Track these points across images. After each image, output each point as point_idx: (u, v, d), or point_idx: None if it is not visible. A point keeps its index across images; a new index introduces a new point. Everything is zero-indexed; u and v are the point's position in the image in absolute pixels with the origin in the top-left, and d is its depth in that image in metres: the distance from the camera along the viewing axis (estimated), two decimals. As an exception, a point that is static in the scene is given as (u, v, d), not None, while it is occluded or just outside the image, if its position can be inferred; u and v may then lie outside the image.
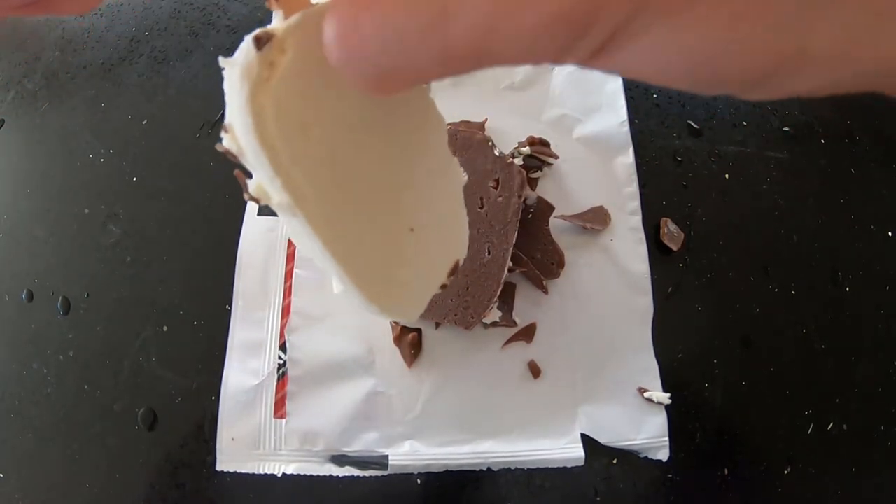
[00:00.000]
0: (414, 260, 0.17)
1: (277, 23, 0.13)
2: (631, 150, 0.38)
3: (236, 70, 0.12)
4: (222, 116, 0.40)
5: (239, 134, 0.13)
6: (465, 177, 0.19)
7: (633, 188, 0.38)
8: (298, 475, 0.31)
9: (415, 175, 0.16)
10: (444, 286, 0.18)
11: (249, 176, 0.14)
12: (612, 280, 0.36)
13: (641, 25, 0.09)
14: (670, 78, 0.10)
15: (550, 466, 0.32)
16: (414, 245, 0.17)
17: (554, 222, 0.35)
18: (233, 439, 0.31)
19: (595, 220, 0.36)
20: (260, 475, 0.31)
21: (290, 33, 0.13)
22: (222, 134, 0.13)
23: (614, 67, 0.10)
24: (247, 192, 0.14)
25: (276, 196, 0.13)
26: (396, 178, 0.16)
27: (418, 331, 0.34)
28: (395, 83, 0.11)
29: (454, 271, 0.18)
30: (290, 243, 0.35)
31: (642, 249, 0.36)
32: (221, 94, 0.14)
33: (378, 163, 0.16)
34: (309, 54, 0.13)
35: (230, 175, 0.40)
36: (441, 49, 0.09)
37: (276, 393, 0.32)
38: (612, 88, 0.40)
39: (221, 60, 0.12)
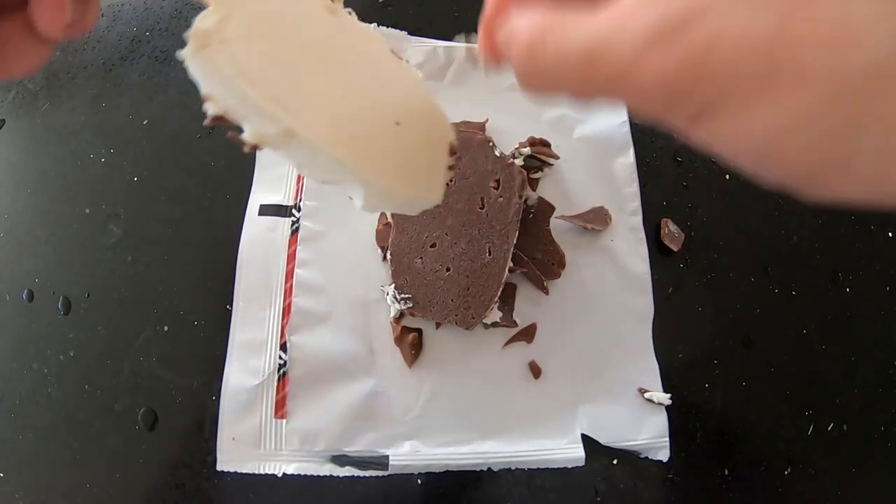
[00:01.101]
0: (413, 147, 0.19)
1: (214, 4, 0.16)
2: (631, 151, 0.38)
3: (191, 48, 0.15)
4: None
5: (220, 95, 0.16)
6: (420, 73, 0.21)
7: (634, 188, 0.38)
8: (299, 475, 0.31)
9: (379, 79, 0.19)
10: (452, 167, 0.21)
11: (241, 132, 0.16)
12: (612, 280, 0.36)
13: (723, 106, 0.11)
14: (741, 158, 0.12)
15: (551, 466, 0.32)
16: (405, 135, 0.19)
17: (554, 223, 0.36)
18: (233, 439, 0.31)
19: (596, 221, 0.36)
20: (260, 475, 0.31)
21: (226, 8, 0.16)
22: (206, 106, 0.16)
23: (704, 137, 0.13)
24: (246, 145, 0.16)
25: (273, 127, 0.16)
26: (364, 85, 0.19)
27: (419, 331, 0.34)
28: (544, 86, 0.15)
29: (454, 151, 0.21)
30: (290, 243, 0.35)
31: (643, 250, 0.36)
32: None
33: (345, 77, 0.18)
34: (251, 11, 0.16)
35: (231, 175, 0.39)
36: (587, 76, 0.13)
37: (277, 393, 0.32)
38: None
39: (179, 54, 0.15)
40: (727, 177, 0.39)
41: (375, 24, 0.38)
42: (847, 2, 0.10)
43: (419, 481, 0.32)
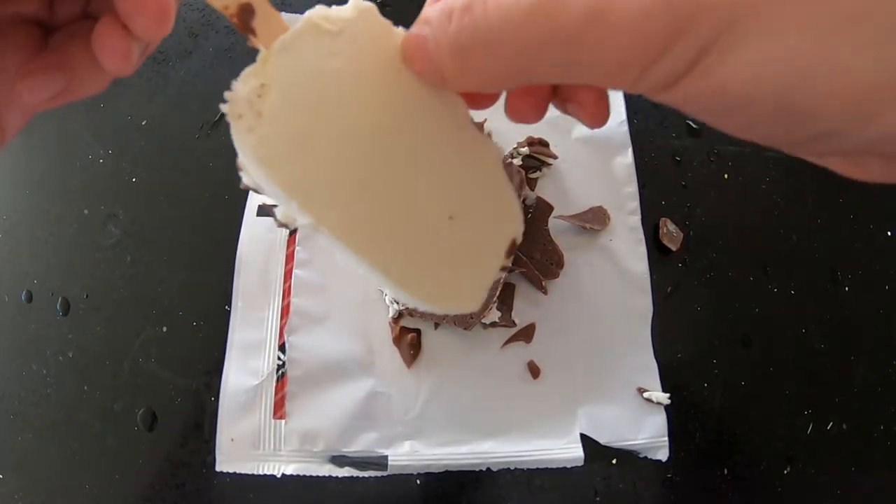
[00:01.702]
0: (460, 247, 0.17)
1: (259, 63, 0.14)
2: (630, 150, 0.38)
3: (229, 114, 0.14)
4: (222, 117, 0.40)
5: (251, 170, 0.14)
6: (501, 151, 0.18)
7: (633, 188, 0.38)
8: (298, 475, 0.31)
9: (441, 162, 0.16)
10: (504, 268, 0.18)
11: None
12: (611, 280, 0.36)
13: (736, 36, 0.09)
14: (757, 106, 0.09)
15: (550, 466, 0.32)
16: (457, 232, 0.16)
17: (553, 222, 0.36)
18: (232, 440, 0.31)
19: (594, 221, 0.36)
20: (259, 475, 0.31)
21: (268, 73, 0.14)
22: (240, 173, 0.15)
23: (704, 87, 0.09)
24: (276, 220, 0.15)
25: (300, 218, 0.15)
26: (421, 171, 0.16)
27: (417, 331, 0.34)
28: (485, 63, 0.12)
29: (512, 251, 0.18)
30: (289, 243, 0.35)
31: (641, 249, 0.36)
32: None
33: (396, 162, 0.16)
34: (296, 80, 0.14)
35: (230, 175, 0.39)
36: (542, 30, 0.10)
37: (276, 393, 0.32)
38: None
39: (223, 107, 0.14)
40: (726, 176, 0.39)
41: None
42: None
43: (418, 482, 0.32)
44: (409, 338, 0.33)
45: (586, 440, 0.32)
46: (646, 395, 0.33)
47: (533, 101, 0.15)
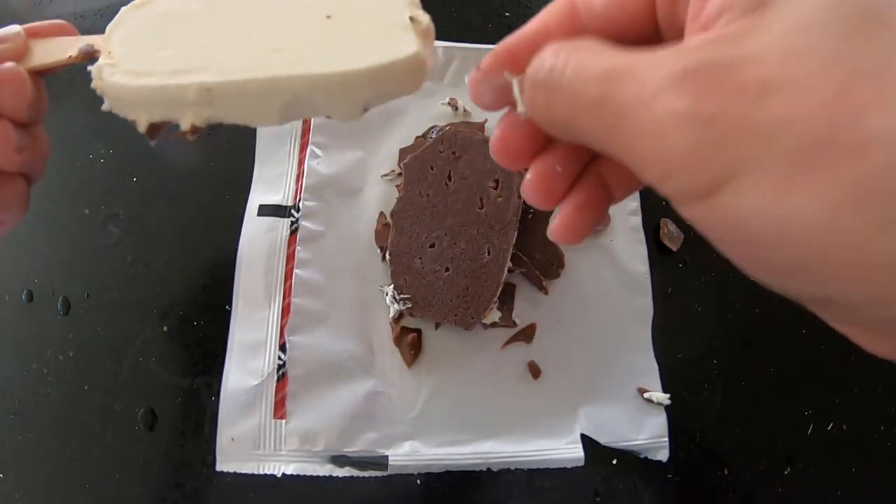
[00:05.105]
0: (355, 23, 0.17)
1: (103, 56, 0.18)
2: (631, 151, 0.38)
3: (98, 90, 0.18)
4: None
5: (138, 110, 0.17)
6: None
7: (633, 188, 0.38)
8: (298, 475, 0.31)
9: None
10: (413, 18, 0.18)
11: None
12: (611, 280, 0.36)
13: (757, 175, 0.09)
14: (761, 250, 0.10)
15: (550, 467, 0.32)
16: (343, 19, 0.17)
17: (554, 222, 0.35)
18: (232, 439, 0.31)
19: (595, 221, 0.36)
20: (260, 475, 0.31)
21: (110, 46, 0.18)
22: (137, 128, 0.18)
23: (716, 215, 0.10)
24: (187, 134, 0.17)
25: (192, 98, 0.16)
26: None
27: (418, 331, 0.34)
28: (550, 103, 0.13)
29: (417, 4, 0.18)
30: (290, 243, 0.35)
31: (642, 250, 0.36)
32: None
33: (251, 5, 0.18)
34: (131, 24, 0.19)
35: (230, 175, 0.39)
36: (600, 97, 0.11)
37: (276, 393, 0.32)
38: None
39: (94, 86, 0.18)
40: (727, 176, 0.39)
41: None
42: None
43: (419, 481, 0.32)
44: (409, 338, 0.33)
45: (586, 440, 0.32)
46: (646, 395, 0.33)
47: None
